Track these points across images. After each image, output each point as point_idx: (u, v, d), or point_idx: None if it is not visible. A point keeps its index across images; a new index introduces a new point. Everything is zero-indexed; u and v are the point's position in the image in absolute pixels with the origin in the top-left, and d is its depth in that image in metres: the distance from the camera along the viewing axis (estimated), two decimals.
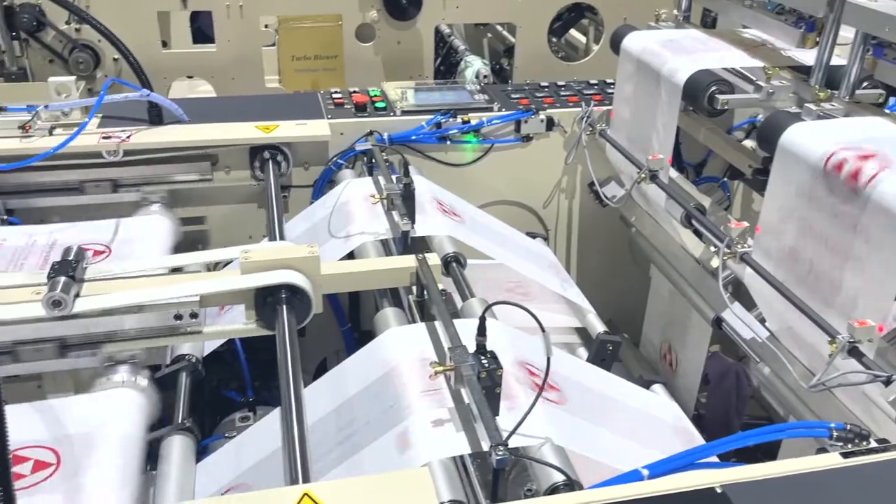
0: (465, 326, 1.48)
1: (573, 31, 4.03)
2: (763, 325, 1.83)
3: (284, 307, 1.55)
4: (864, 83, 1.82)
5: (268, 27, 3.51)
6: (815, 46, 1.86)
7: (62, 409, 1.44)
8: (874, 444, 1.27)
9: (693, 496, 1.11)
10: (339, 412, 1.50)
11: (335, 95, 2.54)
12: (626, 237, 2.57)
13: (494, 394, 1.33)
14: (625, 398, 1.72)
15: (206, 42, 3.38)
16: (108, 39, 2.82)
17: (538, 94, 2.63)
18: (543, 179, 2.62)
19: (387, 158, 2.27)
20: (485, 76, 3.06)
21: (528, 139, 2.52)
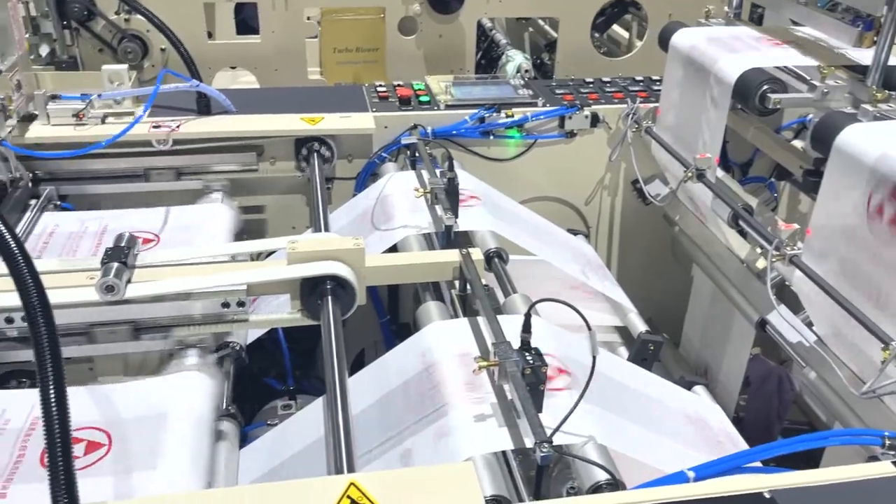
0: (508, 322, 1.48)
1: (616, 27, 3.98)
2: (810, 329, 1.80)
3: (330, 298, 1.57)
4: None
5: (310, 19, 3.54)
6: (873, 46, 1.82)
7: (132, 391, 1.48)
8: None
9: (741, 500, 1.10)
10: (382, 404, 1.52)
11: (380, 89, 2.55)
12: (669, 236, 2.54)
13: (538, 391, 1.33)
14: (667, 399, 1.71)
15: (250, 33, 3.42)
16: (160, 29, 2.86)
17: (583, 90, 2.61)
18: (586, 176, 2.60)
19: (430, 152, 2.27)
20: (526, 70, 3.05)
21: (572, 135, 2.50)
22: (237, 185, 2.33)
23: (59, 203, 2.15)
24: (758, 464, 1.30)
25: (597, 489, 1.27)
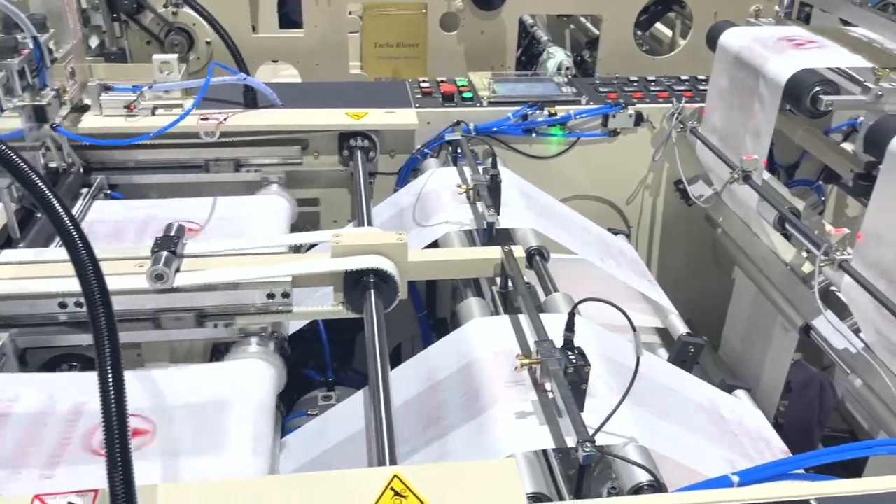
0: (550, 321, 1.48)
1: (659, 25, 3.93)
2: (857, 336, 1.77)
3: (373, 292, 1.58)
4: None
5: (352, 14, 3.56)
6: None
7: (193, 377, 1.50)
8: None
9: None
10: (423, 398, 1.52)
11: (423, 84, 2.56)
12: (711, 238, 2.51)
13: (580, 390, 1.33)
14: (708, 402, 1.69)
15: (292, 27, 3.45)
16: (209, 22, 2.90)
17: (627, 89, 2.58)
18: (628, 175, 2.57)
19: (472, 149, 2.27)
20: (567, 68, 3.03)
21: (615, 134, 2.48)
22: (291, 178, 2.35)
23: (109, 192, 2.20)
24: (800, 471, 1.28)
25: (638, 490, 1.27)
